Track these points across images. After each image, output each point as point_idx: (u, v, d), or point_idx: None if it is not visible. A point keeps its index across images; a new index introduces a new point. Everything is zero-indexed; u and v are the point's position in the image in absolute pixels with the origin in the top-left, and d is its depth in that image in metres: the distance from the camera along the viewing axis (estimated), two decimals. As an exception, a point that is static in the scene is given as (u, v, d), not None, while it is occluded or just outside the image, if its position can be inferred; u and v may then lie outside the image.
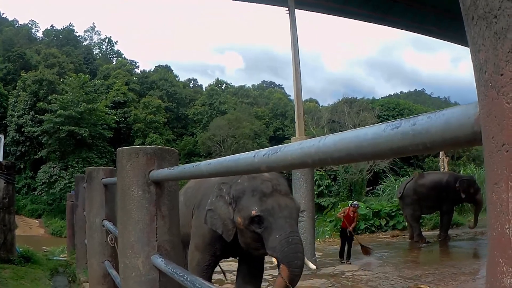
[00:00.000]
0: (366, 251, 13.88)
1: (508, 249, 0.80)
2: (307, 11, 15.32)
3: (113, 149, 72.53)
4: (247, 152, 1.74)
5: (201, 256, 6.66)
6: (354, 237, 13.96)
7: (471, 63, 0.89)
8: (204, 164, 2.18)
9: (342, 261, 13.43)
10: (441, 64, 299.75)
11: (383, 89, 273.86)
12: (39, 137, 69.48)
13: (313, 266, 5.93)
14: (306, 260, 5.97)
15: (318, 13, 15.97)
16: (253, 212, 5.71)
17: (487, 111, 0.84)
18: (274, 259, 5.85)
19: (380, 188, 31.06)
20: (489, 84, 0.82)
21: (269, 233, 5.68)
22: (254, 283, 7.05)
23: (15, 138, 71.66)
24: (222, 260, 7.64)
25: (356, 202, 15.11)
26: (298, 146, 1.39)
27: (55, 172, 67.24)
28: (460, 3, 0.90)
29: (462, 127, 0.92)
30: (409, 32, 18.73)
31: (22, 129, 71.28)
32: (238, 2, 14.65)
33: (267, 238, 5.70)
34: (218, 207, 6.20)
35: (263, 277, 11.13)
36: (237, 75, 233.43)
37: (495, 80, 0.81)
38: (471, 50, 0.88)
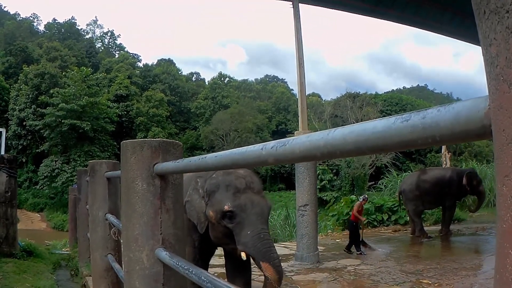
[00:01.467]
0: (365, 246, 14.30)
1: (519, 240, 0.81)
2: (310, 5, 15.30)
3: (115, 143, 72.89)
4: (254, 145, 1.74)
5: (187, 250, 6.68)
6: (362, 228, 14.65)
7: (474, 57, 0.90)
8: (210, 157, 2.17)
9: (358, 252, 13.72)
10: (443, 59, 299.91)
11: (384, 83, 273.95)
12: (41, 131, 69.68)
13: None
14: None
15: (320, 7, 15.98)
16: (226, 207, 5.83)
17: (498, 105, 0.84)
18: (243, 254, 5.89)
19: (382, 183, 31.03)
20: (501, 77, 0.83)
21: (240, 229, 5.81)
22: (243, 275, 7.09)
23: (16, 132, 71.88)
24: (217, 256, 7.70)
25: (365, 195, 15.88)
26: (306, 138, 1.39)
27: (57, 165, 67.41)
28: (471, -2, 0.91)
29: (472, 120, 0.93)
30: (411, 27, 18.75)
31: (24, 123, 71.52)
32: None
33: (239, 233, 5.82)
34: (194, 199, 6.32)
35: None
36: (239, 69, 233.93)
37: (506, 73, 0.82)
38: (482, 44, 0.89)
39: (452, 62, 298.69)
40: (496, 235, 0.89)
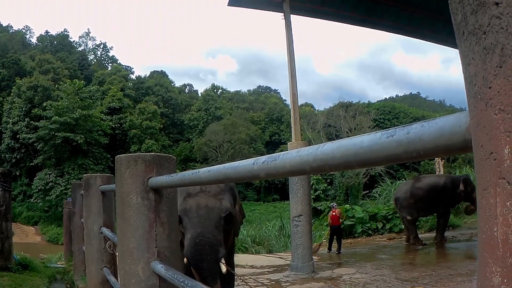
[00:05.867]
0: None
1: (497, 250, 0.85)
2: (301, 16, 15.38)
3: (109, 156, 72.78)
4: (246, 160, 1.77)
5: None
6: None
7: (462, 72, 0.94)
8: (204, 172, 2.21)
9: (328, 250, 15.97)
10: (432, 66, 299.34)
11: (375, 91, 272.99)
12: (35, 144, 69.50)
13: (224, 269, 5.67)
14: (221, 264, 5.71)
15: (312, 18, 16.04)
16: None
17: (476, 122, 0.88)
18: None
19: (376, 192, 31.06)
20: (479, 96, 0.87)
21: (185, 233, 5.61)
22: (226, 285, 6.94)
23: (10, 145, 71.74)
24: None
25: (333, 203, 18.67)
26: (296, 154, 1.43)
27: (51, 179, 67.12)
28: (452, 18, 0.95)
29: (454, 135, 0.96)
30: (402, 35, 18.83)
31: (17, 136, 71.33)
32: (233, 7, 14.64)
33: (185, 237, 5.59)
34: None
35: (262, 282, 11.16)
36: (230, 79, 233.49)
37: (484, 92, 0.85)
38: (462, 63, 0.93)
39: (442, 69, 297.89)
40: (478, 245, 0.93)
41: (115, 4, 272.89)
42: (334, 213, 16.40)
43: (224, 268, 5.67)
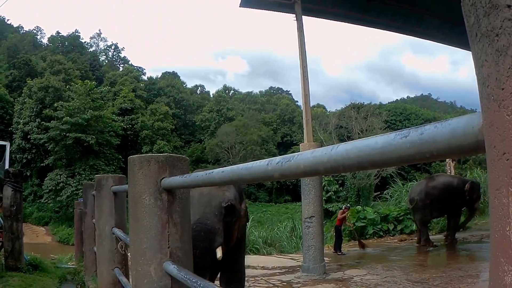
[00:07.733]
0: (362, 245, 16.57)
1: (509, 249, 0.86)
2: (313, 18, 15.37)
3: (120, 156, 72.61)
4: (260, 160, 1.78)
5: None
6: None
7: (473, 66, 0.95)
8: (217, 172, 2.22)
9: (339, 253, 15.96)
10: (441, 67, 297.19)
11: (384, 93, 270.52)
12: (46, 144, 69.38)
13: (219, 254, 5.52)
14: (217, 250, 5.65)
15: (323, 19, 16.05)
16: None
17: (489, 122, 0.90)
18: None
19: (387, 193, 30.98)
20: (491, 97, 0.88)
21: None
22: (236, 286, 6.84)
23: (21, 146, 71.66)
24: None
25: (348, 204, 20.03)
26: (310, 154, 1.44)
27: (61, 179, 66.96)
28: (465, 20, 0.96)
29: (466, 136, 0.98)
30: (411, 36, 18.82)
31: (28, 136, 71.23)
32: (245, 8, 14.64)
33: None
34: None
35: (272, 282, 11.16)
36: (240, 80, 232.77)
37: (496, 93, 0.86)
38: (475, 65, 0.94)
39: (451, 71, 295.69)
40: (490, 244, 0.94)
41: (126, 5, 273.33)
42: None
43: (219, 253, 5.59)
